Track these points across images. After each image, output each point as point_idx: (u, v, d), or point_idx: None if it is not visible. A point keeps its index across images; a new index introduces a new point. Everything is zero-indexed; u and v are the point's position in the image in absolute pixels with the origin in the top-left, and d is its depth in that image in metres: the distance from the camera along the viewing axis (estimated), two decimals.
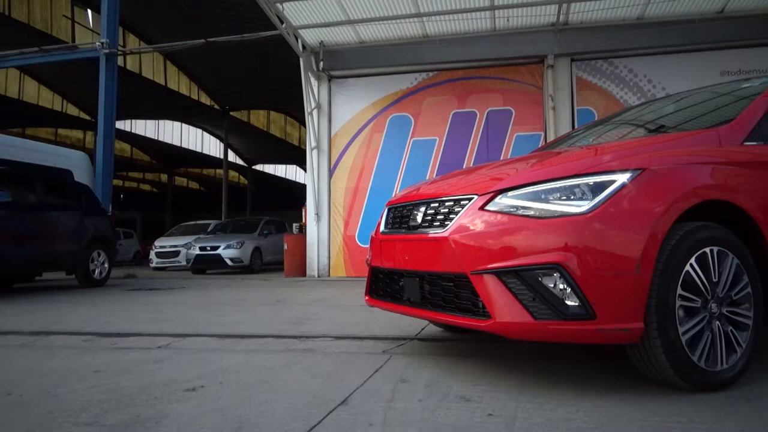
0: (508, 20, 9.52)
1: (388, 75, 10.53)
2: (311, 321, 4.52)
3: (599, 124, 4.14)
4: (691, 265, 2.19)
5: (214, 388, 2.45)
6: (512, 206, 2.29)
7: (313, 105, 10.43)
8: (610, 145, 2.83)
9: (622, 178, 2.20)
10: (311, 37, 10.20)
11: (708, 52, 9.28)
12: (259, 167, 39.77)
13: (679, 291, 2.15)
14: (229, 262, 13.05)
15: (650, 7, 8.99)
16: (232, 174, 37.50)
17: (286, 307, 5.62)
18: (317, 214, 10.44)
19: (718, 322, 2.23)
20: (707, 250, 2.23)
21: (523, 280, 2.16)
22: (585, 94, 9.78)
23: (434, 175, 9.86)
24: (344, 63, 10.56)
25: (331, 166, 10.63)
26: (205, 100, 26.97)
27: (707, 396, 2.15)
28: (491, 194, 2.38)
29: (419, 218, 2.72)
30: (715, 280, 2.23)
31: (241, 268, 13.30)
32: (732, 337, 2.26)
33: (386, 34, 10.12)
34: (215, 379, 2.59)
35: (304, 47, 10.13)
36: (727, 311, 2.26)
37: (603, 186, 2.19)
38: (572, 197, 2.21)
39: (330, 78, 10.72)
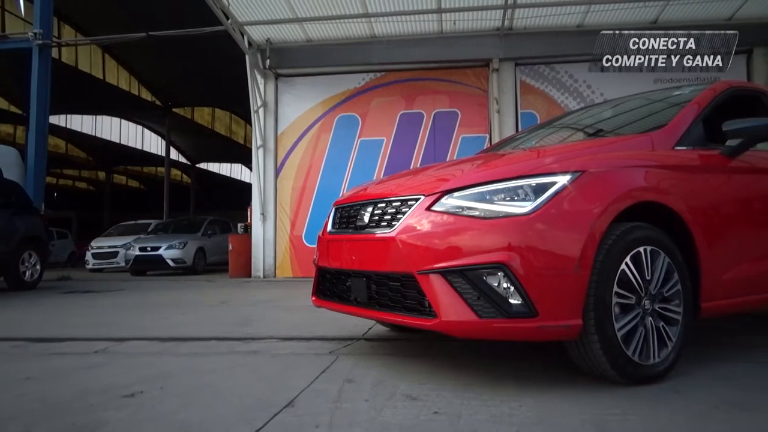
0: (454, 23, 9.66)
1: (336, 74, 10.48)
2: (257, 322, 4.45)
3: (542, 127, 4.27)
4: (627, 263, 2.28)
5: (154, 393, 2.37)
6: (458, 207, 2.33)
7: (259, 103, 10.26)
8: (551, 148, 2.92)
9: (562, 180, 2.27)
10: (258, 34, 10.03)
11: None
12: (203, 166, 38.80)
13: (616, 289, 2.24)
14: (170, 263, 12.67)
15: (589, 16, 9.33)
16: (175, 172, 36.39)
17: (231, 309, 5.51)
18: (263, 213, 10.28)
19: (650, 318, 2.34)
20: (641, 249, 2.33)
21: (468, 279, 2.20)
22: (528, 98, 10.04)
23: (382, 176, 9.90)
24: (291, 61, 10.44)
25: (278, 166, 10.49)
26: (147, 95, 26.09)
27: (641, 389, 2.25)
28: (438, 195, 2.41)
29: (366, 218, 2.72)
30: (648, 278, 2.34)
31: (183, 269, 12.93)
32: (663, 332, 2.37)
33: (334, 34, 10.08)
34: (156, 384, 2.51)
35: (250, 44, 9.95)
36: (659, 307, 2.38)
37: (545, 187, 2.25)
38: (516, 198, 2.26)
39: (277, 76, 10.57)
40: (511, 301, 2.14)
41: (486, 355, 3.01)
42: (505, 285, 2.15)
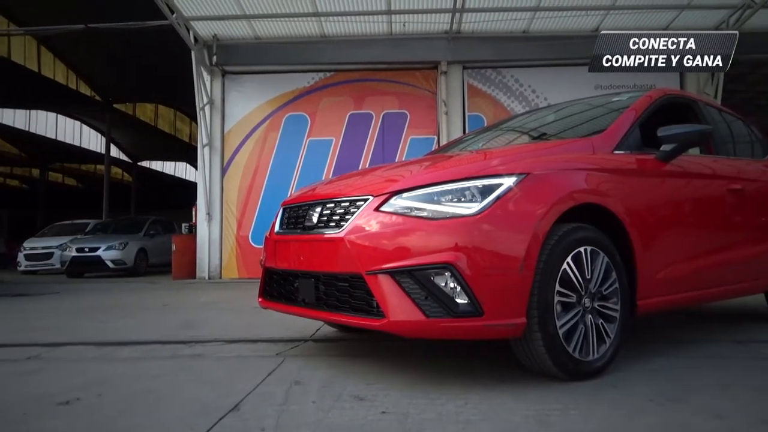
0: (404, 25, 9.73)
1: (285, 73, 10.37)
2: (201, 325, 4.34)
3: (488, 129, 4.36)
4: (568, 263, 2.36)
5: (92, 400, 2.27)
6: (406, 207, 2.34)
7: (205, 100, 10.03)
8: (498, 151, 2.98)
9: (508, 181, 2.32)
10: (204, 29, 9.80)
11: (585, 66, 10.02)
12: (145, 164, 37.48)
13: (558, 288, 2.31)
14: (110, 265, 12.19)
15: (534, 22, 9.59)
16: (115, 170, 35.00)
17: (174, 311, 5.36)
18: (209, 213, 10.05)
19: (590, 316, 2.42)
20: (582, 249, 2.41)
21: (416, 279, 2.21)
22: (475, 101, 10.23)
23: (331, 176, 9.85)
24: (239, 58, 10.25)
25: (224, 165, 10.27)
26: (86, 90, 24.97)
27: (581, 384, 2.33)
28: (386, 195, 2.41)
29: (315, 218, 2.70)
30: (588, 277, 2.42)
31: (124, 271, 12.47)
32: (602, 329, 2.46)
33: (283, 32, 9.96)
34: (93, 391, 2.40)
35: (196, 40, 9.70)
36: (598, 305, 2.46)
37: (491, 189, 2.30)
38: (463, 199, 2.29)
39: (224, 73, 10.36)
40: (458, 300, 2.18)
41: (433, 354, 3.05)
42: (452, 285, 2.18)
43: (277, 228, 3.07)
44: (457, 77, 10.15)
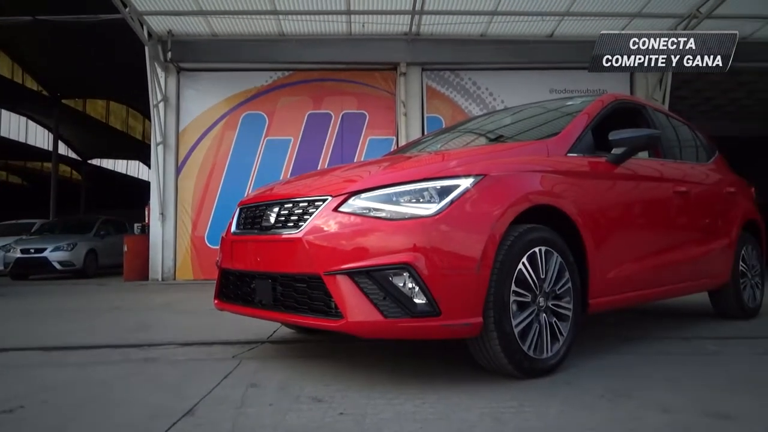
0: (363, 26, 9.72)
1: (243, 71, 10.20)
2: (154, 328, 4.23)
3: (446, 131, 4.40)
4: (524, 263, 2.40)
5: (36, 408, 2.18)
6: (365, 208, 2.34)
7: (159, 97, 9.77)
8: (456, 152, 3.01)
9: (465, 183, 2.35)
10: (158, 24, 9.54)
11: (540, 71, 10.29)
12: (95, 162, 36.26)
13: (513, 287, 2.35)
14: (57, 266, 11.72)
15: (492, 26, 9.74)
16: (64, 168, 33.72)
17: (126, 314, 5.20)
18: (162, 213, 9.79)
19: (544, 315, 2.48)
20: (536, 249, 2.46)
21: (374, 280, 2.22)
22: (434, 103, 10.32)
23: (289, 176, 9.76)
24: (195, 55, 10.02)
25: (179, 164, 10.03)
26: (32, 84, 24.00)
27: (535, 382, 2.38)
28: (345, 196, 2.41)
29: (272, 219, 2.67)
30: (542, 277, 2.48)
31: (72, 273, 12.01)
32: (556, 327, 2.53)
33: (241, 29, 9.80)
34: (38, 398, 2.31)
35: (150, 35, 9.44)
36: (552, 304, 2.52)
37: (449, 190, 2.32)
38: (421, 200, 2.31)
39: (179, 70, 10.11)
40: (416, 300, 2.19)
41: (392, 355, 3.05)
42: (410, 285, 2.19)
43: (233, 228, 3.02)
44: (416, 79, 10.21)
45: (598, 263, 2.78)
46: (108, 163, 38.06)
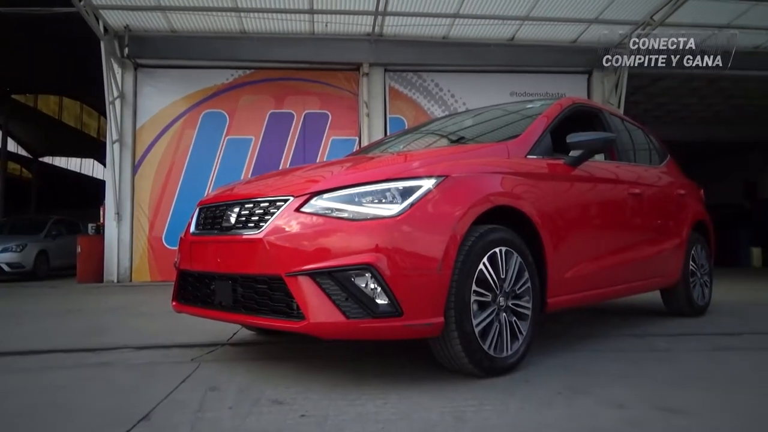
0: (326, 25, 9.68)
1: (203, 69, 10.01)
2: (109, 331, 4.11)
3: (409, 132, 4.43)
4: (484, 263, 2.43)
5: None
6: (327, 208, 2.33)
7: (115, 94, 9.50)
8: (418, 153, 3.03)
9: (428, 183, 2.36)
10: (115, 19, 9.28)
11: (501, 74, 10.45)
12: (47, 160, 34.96)
13: (474, 287, 2.38)
14: (5, 268, 11.24)
15: (454, 29, 9.84)
16: (13, 166, 32.33)
17: (79, 317, 5.04)
18: (118, 213, 9.52)
19: (504, 314, 2.52)
20: (497, 250, 2.50)
21: (336, 280, 2.21)
22: (397, 104, 10.35)
23: (250, 176, 9.63)
24: (153, 51, 9.79)
25: (136, 162, 9.78)
26: None
27: (495, 380, 2.42)
28: (307, 196, 2.39)
29: (233, 219, 2.63)
30: (503, 277, 2.52)
31: (22, 275, 11.54)
32: (515, 326, 2.57)
33: (201, 26, 9.62)
34: None
35: (106, 30, 9.17)
36: (511, 304, 2.56)
37: (411, 191, 2.33)
38: (383, 201, 2.31)
39: (136, 66, 9.86)
40: (378, 301, 2.19)
41: (353, 355, 3.05)
42: (372, 286, 2.19)
43: (192, 229, 2.96)
44: (378, 79, 10.23)
45: (556, 263, 2.84)
46: (61, 161, 36.73)
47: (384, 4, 8.86)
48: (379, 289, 2.18)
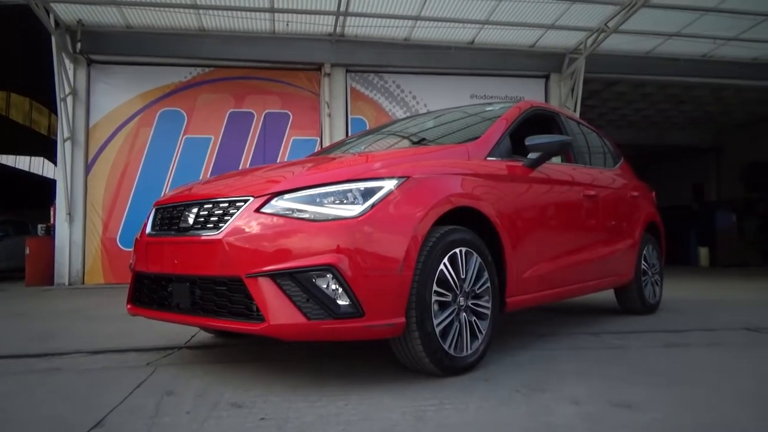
0: (287, 25, 9.60)
1: (160, 66, 9.76)
2: (60, 336, 3.96)
3: (370, 133, 4.43)
4: (445, 264, 2.46)
5: None
6: (288, 209, 2.31)
7: (67, 90, 9.17)
8: (379, 154, 3.03)
9: (389, 184, 2.37)
10: (67, 13, 8.96)
11: (461, 76, 10.58)
12: None
13: (435, 288, 2.40)
14: None
15: (415, 31, 9.91)
16: None
17: (28, 321, 4.84)
18: (70, 213, 9.20)
19: (464, 314, 2.55)
20: (457, 250, 2.53)
21: (297, 281, 2.19)
22: (358, 104, 10.35)
23: (209, 175, 9.46)
24: (108, 47, 9.49)
25: (89, 161, 9.47)
26: None
27: (455, 379, 2.44)
28: (267, 196, 2.37)
29: (191, 219, 2.57)
30: (463, 277, 2.55)
31: None
32: (475, 325, 2.60)
33: (158, 22, 9.39)
34: None
35: (57, 24, 8.84)
36: (471, 303, 2.60)
37: (373, 191, 2.34)
38: (345, 201, 2.31)
39: (90, 62, 9.54)
40: (339, 302, 2.19)
41: (313, 357, 3.03)
42: (333, 287, 2.19)
43: (149, 229, 2.89)
44: (340, 80, 10.20)
45: (514, 263, 2.89)
46: (8, 159, 35.26)
47: (346, 4, 8.84)
48: (340, 289, 2.18)
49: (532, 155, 3.17)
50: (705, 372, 2.66)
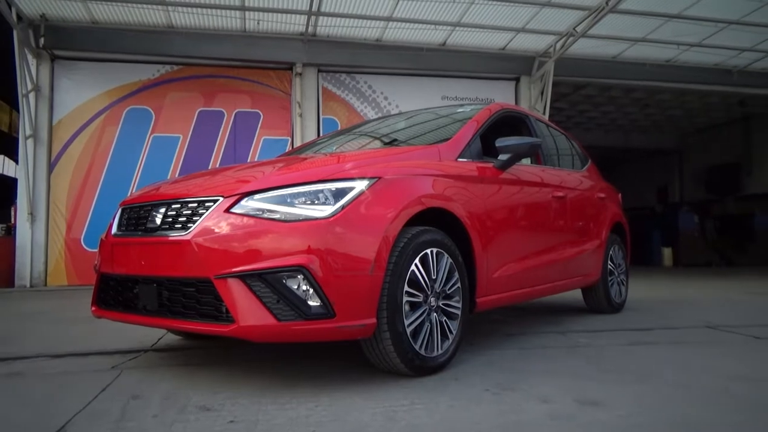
0: (258, 23, 9.51)
1: (127, 63, 9.56)
2: (21, 339, 3.84)
3: (342, 133, 4.42)
4: (416, 264, 2.47)
5: None
6: (258, 209, 2.29)
7: (29, 86, 8.91)
8: (351, 154, 3.03)
9: (360, 185, 2.37)
10: (30, 7, 8.70)
11: (433, 78, 10.65)
12: None
13: (406, 288, 2.41)
14: None
15: (387, 32, 9.93)
16: None
17: None
18: (31, 213, 8.94)
19: (435, 314, 2.56)
20: (428, 251, 2.54)
21: (267, 282, 2.17)
22: (330, 104, 10.32)
23: (177, 175, 9.30)
24: (73, 43, 9.26)
25: (52, 159, 9.21)
26: None
27: (426, 379, 2.45)
28: (237, 196, 2.34)
29: (159, 220, 2.53)
30: (434, 278, 2.56)
31: None
32: (446, 326, 2.62)
33: (125, 18, 9.20)
34: None
35: (20, 18, 8.59)
36: (442, 304, 2.61)
37: (344, 192, 2.33)
38: (316, 202, 2.30)
39: (54, 58, 9.29)
40: (310, 303, 2.17)
41: (283, 359, 3.01)
42: (304, 287, 2.17)
43: (114, 230, 2.82)
44: (312, 80, 10.16)
45: (484, 263, 2.92)
46: None
47: (318, 4, 8.81)
48: (311, 290, 2.17)
49: (502, 156, 3.21)
50: (668, 369, 2.72)
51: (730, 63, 11.41)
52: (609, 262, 4.62)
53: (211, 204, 2.37)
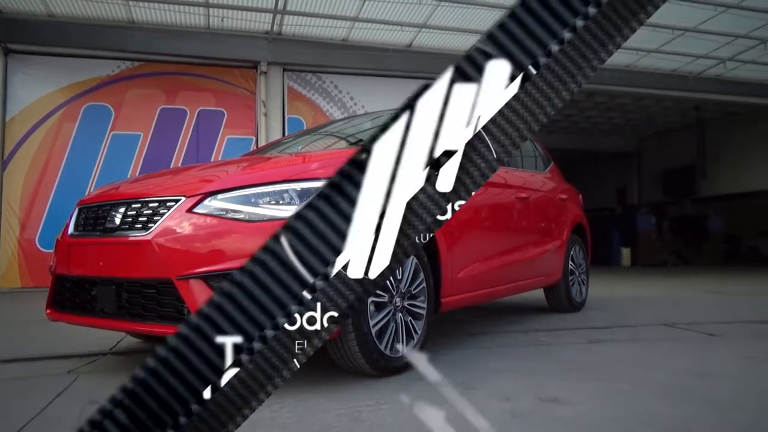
0: (222, 20, 9.37)
1: (85, 58, 9.28)
2: None
3: (307, 133, 4.40)
4: None
5: None
6: (222, 209, 2.26)
7: None
8: (317, 154, 3.02)
9: None
10: None
11: (399, 79, 10.67)
12: None
13: None
14: None
15: (354, 32, 9.92)
16: None
17: None
18: None
19: (400, 314, 2.57)
20: None
21: None
22: (295, 104, 10.24)
23: (137, 174, 9.08)
24: (28, 36, 8.93)
25: (5, 157, 8.87)
26: None
27: (390, 379, 2.46)
28: (200, 196, 2.30)
29: (118, 220, 2.47)
30: (399, 278, 2.57)
31: None
32: (411, 326, 2.63)
33: (84, 12, 8.94)
34: None
35: None
36: (407, 304, 2.63)
37: (309, 192, 2.32)
38: (281, 202, 2.28)
39: (7, 51, 8.95)
40: None
41: None
42: None
43: (71, 230, 2.75)
44: (277, 79, 10.06)
45: (449, 264, 2.95)
46: None
47: (283, 2, 8.74)
48: None
49: None
50: (626, 366, 2.80)
51: (686, 69, 11.80)
52: (570, 262, 4.72)
53: (173, 204, 2.32)
